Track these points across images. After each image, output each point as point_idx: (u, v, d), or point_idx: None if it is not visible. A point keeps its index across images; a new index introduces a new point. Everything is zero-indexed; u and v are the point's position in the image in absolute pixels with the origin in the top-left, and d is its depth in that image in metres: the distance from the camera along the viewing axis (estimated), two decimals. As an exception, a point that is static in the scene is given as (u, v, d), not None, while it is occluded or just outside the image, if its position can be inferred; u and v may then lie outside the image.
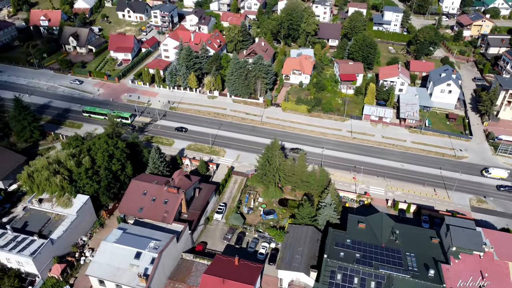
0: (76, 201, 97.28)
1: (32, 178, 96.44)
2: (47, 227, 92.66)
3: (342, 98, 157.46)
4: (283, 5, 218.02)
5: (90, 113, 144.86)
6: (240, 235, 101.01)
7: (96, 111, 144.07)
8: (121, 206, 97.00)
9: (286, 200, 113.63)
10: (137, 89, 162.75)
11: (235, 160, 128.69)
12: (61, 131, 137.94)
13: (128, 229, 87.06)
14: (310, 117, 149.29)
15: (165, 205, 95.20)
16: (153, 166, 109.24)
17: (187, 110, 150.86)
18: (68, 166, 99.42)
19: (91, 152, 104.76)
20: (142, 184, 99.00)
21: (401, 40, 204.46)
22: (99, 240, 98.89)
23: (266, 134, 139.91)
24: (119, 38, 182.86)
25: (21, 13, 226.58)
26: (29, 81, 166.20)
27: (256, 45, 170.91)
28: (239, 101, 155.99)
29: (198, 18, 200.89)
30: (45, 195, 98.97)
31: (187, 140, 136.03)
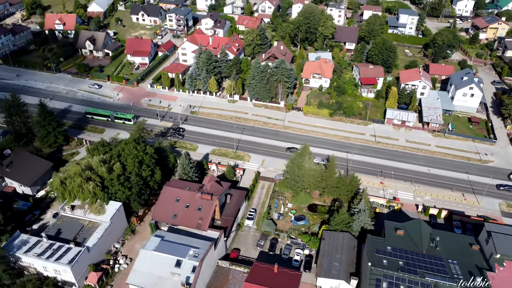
0: (109, 207, 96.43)
1: (64, 184, 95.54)
2: (81, 235, 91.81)
3: (364, 102, 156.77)
4: (297, 8, 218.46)
5: (92, 114, 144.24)
6: (273, 241, 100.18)
7: (98, 113, 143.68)
8: (155, 213, 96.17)
9: (315, 205, 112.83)
10: (156, 93, 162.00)
11: (260, 165, 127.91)
12: (83, 136, 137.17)
13: (165, 237, 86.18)
14: (332, 121, 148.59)
15: (199, 211, 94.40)
16: (182, 172, 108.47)
17: (209, 115, 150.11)
18: (100, 172, 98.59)
19: (121, 158, 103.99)
20: (174, 191, 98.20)
21: (417, 43, 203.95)
22: (131, 247, 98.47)
23: (289, 139, 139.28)
24: (136, 42, 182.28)
25: (34, 17, 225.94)
26: (47, 85, 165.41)
27: (275, 48, 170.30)
28: (260, 105, 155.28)
29: (214, 22, 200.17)
30: (76, 202, 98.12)
31: (211, 145, 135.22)
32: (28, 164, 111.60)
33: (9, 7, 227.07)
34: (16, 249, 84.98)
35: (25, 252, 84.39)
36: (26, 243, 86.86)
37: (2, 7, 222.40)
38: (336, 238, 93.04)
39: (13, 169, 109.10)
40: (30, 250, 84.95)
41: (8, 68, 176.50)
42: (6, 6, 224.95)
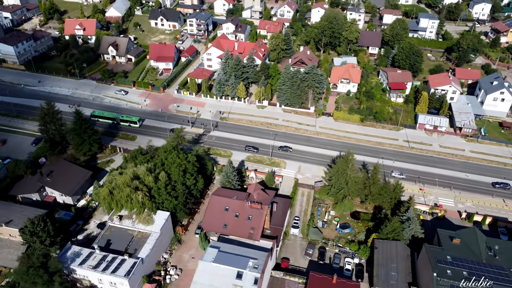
0: (157, 217, 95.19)
1: (112, 195, 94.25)
2: (131, 246, 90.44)
3: (393, 106, 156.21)
4: (316, 12, 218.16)
5: (98, 117, 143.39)
6: (321, 250, 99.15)
7: (104, 115, 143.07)
8: (204, 223, 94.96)
9: (357, 213, 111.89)
10: (183, 99, 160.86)
11: (297, 171, 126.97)
12: (115, 143, 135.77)
13: (221, 248, 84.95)
14: (363, 127, 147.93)
15: (250, 221, 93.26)
16: (225, 180, 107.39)
17: (239, 121, 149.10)
18: (146, 182, 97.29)
19: (164, 167, 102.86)
20: (223, 200, 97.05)
21: (438, 47, 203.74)
22: (179, 257, 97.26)
23: (322, 145, 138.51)
24: (160, 47, 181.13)
25: (51, 22, 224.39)
26: (73, 91, 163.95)
27: (302, 53, 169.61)
28: (289, 110, 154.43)
29: (235, 26, 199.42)
30: (123, 212, 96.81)
31: (246, 151, 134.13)
32: (68, 173, 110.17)
33: (26, 12, 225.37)
34: (70, 261, 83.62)
35: (80, 264, 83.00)
36: (79, 255, 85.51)
37: (20, 12, 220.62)
38: (389, 247, 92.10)
39: (53, 178, 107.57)
40: (84, 262, 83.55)
41: (31, 74, 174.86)
42: (23, 11, 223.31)
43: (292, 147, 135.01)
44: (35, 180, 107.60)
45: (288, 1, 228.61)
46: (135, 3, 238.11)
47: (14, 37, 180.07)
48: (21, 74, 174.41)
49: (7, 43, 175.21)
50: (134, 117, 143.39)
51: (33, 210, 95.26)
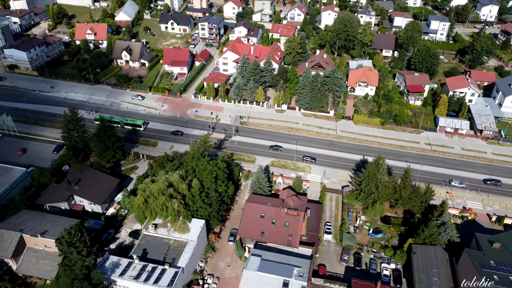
0: (192, 225, 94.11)
1: (146, 203, 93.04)
2: (169, 255, 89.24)
3: (412, 109, 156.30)
4: (326, 15, 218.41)
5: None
6: (357, 256, 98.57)
7: (108, 119, 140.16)
8: (241, 230, 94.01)
9: (388, 217, 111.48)
10: (201, 104, 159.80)
11: (323, 176, 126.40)
12: (137, 149, 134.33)
13: (263, 255, 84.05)
14: (383, 130, 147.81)
15: (287, 228, 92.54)
16: (257, 186, 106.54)
17: (259, 125, 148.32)
18: (180, 189, 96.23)
19: (196, 174, 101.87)
20: (258, 207, 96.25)
21: (449, 49, 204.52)
22: (215, 265, 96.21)
23: (345, 149, 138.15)
24: (174, 52, 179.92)
25: (60, 27, 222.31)
26: (89, 97, 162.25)
27: (318, 57, 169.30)
28: (309, 114, 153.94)
29: (247, 30, 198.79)
30: (157, 220, 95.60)
31: (269, 156, 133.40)
32: (95, 181, 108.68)
33: (34, 17, 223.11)
34: (110, 272, 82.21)
35: (120, 275, 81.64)
36: (118, 265, 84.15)
37: (28, 17, 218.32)
38: (428, 252, 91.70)
39: (81, 186, 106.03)
40: (124, 272, 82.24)
41: (44, 80, 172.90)
42: (32, 16, 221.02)
43: (282, 146, 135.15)
44: (63, 189, 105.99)
45: (298, 4, 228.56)
46: (144, 7, 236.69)
47: (26, 43, 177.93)
48: (34, 80, 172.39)
49: (19, 49, 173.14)
50: (138, 121, 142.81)
51: (66, 219, 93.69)
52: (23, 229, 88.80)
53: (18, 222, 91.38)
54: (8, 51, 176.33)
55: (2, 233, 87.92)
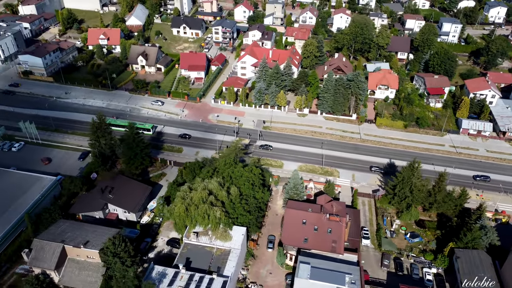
0: (234, 233, 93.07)
1: (187, 211, 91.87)
2: (213, 263, 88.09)
3: (433, 112, 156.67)
4: (338, 18, 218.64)
5: (111, 125, 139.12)
6: (397, 261, 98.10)
7: (117, 123, 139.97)
8: (284, 237, 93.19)
9: (422, 221, 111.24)
10: (222, 109, 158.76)
11: (352, 180, 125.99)
12: (162, 155, 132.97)
13: (311, 263, 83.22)
14: (406, 133, 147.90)
15: (330, 234, 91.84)
16: (293, 192, 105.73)
17: (283, 129, 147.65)
18: (219, 197, 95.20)
19: (233, 180, 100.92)
20: (299, 213, 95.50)
21: (462, 51, 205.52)
22: (256, 273, 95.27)
23: (370, 152, 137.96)
24: (191, 56, 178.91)
25: (70, 32, 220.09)
26: (107, 103, 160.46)
27: (338, 60, 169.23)
28: (331, 118, 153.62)
29: (261, 34, 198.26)
30: (197, 228, 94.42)
31: (296, 161, 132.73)
32: (128, 189, 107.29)
33: (44, 22, 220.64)
34: (157, 282, 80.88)
35: (168, 285, 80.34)
36: (165, 275, 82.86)
37: (38, 22, 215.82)
38: (472, 256, 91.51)
39: (115, 195, 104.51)
40: (172, 283, 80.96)
41: (60, 86, 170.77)
42: (41, 21, 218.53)
43: (272, 146, 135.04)
44: (96, 197, 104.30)
45: (310, 7, 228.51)
46: (154, 11, 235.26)
47: (41, 48, 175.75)
48: (49, 86, 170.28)
49: (35, 55, 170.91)
50: (147, 125, 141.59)
51: (105, 229, 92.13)
52: (64, 240, 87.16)
53: (58, 232, 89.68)
54: (22, 57, 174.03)
55: (43, 244, 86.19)
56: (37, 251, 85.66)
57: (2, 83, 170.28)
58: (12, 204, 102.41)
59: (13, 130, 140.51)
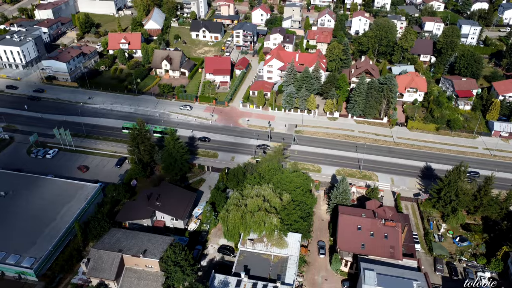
0: (289, 240, 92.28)
1: (243, 218, 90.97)
2: (272, 271, 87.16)
3: (463, 114, 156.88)
4: (357, 21, 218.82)
5: (129, 129, 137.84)
6: (451, 265, 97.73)
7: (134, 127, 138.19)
8: (340, 243, 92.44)
9: (467, 224, 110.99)
10: (251, 113, 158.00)
11: (391, 184, 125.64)
12: (198, 161, 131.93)
13: (375, 269, 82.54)
14: (438, 136, 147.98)
15: (387, 239, 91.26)
16: (343, 197, 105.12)
17: (315, 133, 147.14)
18: (272, 203, 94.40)
19: (283, 186, 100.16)
20: (353, 219, 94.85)
21: (482, 53, 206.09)
22: (312, 279, 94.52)
23: (405, 155, 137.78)
24: (216, 60, 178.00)
25: (88, 36, 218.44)
26: (135, 108, 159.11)
27: (365, 63, 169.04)
28: (362, 121, 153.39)
29: (283, 37, 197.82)
30: (252, 235, 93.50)
31: (332, 165, 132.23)
32: (174, 196, 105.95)
33: (61, 26, 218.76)
34: (222, 291, 79.90)
35: (234, 294, 79.32)
36: (227, 283, 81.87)
37: (55, 26, 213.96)
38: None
39: (162, 202, 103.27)
40: (236, 292, 79.93)
41: (85, 91, 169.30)
42: (59, 25, 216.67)
43: (270, 146, 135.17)
44: (143, 205, 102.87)
45: (328, 10, 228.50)
46: (171, 15, 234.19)
47: (65, 53, 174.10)
48: (74, 92, 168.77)
49: (59, 60, 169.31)
50: (168, 128, 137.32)
51: (160, 237, 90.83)
52: (122, 249, 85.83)
53: (113, 242, 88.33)
54: (46, 62, 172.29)
55: (101, 254, 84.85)
56: (95, 261, 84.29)
57: (26, 89, 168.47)
58: (58, 212, 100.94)
59: (44, 136, 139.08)
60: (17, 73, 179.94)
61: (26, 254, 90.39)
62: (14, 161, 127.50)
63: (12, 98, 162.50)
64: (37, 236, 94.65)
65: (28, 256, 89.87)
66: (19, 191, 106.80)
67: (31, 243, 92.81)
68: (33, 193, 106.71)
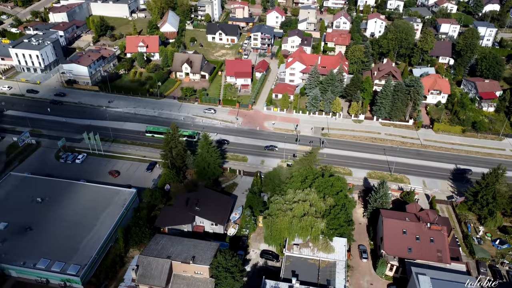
0: (335, 244, 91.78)
1: (290, 223, 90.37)
2: (321, 276, 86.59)
3: (487, 116, 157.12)
4: (373, 23, 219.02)
5: (153, 133, 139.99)
6: (494, 268, 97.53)
7: (159, 131, 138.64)
8: (387, 247, 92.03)
9: (504, 227, 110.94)
10: (276, 116, 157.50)
11: (424, 187, 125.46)
12: (228, 165, 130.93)
13: (426, 274, 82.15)
14: (465, 138, 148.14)
15: (433, 243, 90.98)
16: (384, 200, 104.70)
17: (342, 136, 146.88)
18: (318, 208, 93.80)
19: (325, 190, 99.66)
20: (397, 223, 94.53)
21: (500, 55, 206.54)
22: (357, 284, 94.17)
23: (434, 158, 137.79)
24: (236, 63, 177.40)
25: (103, 39, 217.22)
26: (159, 112, 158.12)
27: (387, 66, 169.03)
28: (388, 124, 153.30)
29: (301, 40, 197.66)
30: (297, 240, 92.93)
31: (362, 168, 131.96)
32: (213, 200, 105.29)
33: (76, 29, 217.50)
34: (275, 298, 79.21)
35: (288, 300, 78.72)
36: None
37: (71, 30, 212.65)
38: None
39: (201, 207, 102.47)
40: (289, 298, 79.28)
41: (106, 95, 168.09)
42: (74, 28, 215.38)
43: (277, 146, 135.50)
44: (181, 210, 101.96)
45: (344, 12, 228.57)
46: (185, 17, 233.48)
47: (85, 57, 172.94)
48: (95, 95, 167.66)
49: (80, 64, 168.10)
50: (192, 131, 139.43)
51: (205, 243, 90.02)
52: (170, 256, 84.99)
53: (159, 248, 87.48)
54: (67, 66, 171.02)
55: (149, 260, 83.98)
56: (144, 268, 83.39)
57: (47, 93, 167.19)
58: (98, 218, 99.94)
59: (70, 141, 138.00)
60: (36, 77, 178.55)
61: (70, 261, 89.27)
62: (43, 166, 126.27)
63: (34, 102, 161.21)
64: (79, 242, 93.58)
65: (72, 263, 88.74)
66: (55, 197, 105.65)
67: (74, 250, 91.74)
68: (69, 199, 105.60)
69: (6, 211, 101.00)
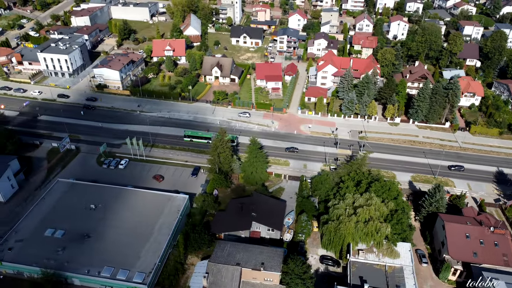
0: (399, 249, 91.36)
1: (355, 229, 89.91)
2: (389, 282, 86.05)
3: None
4: (396, 25, 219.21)
5: (191, 137, 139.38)
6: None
7: (198, 135, 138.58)
8: (452, 251, 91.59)
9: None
10: (311, 120, 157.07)
11: (469, 190, 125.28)
12: (270, 169, 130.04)
13: (499, 279, 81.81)
14: (502, 140, 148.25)
15: (498, 247, 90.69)
16: (439, 205, 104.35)
17: (380, 139, 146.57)
18: (380, 212, 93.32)
19: (382, 196, 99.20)
20: (460, 227, 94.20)
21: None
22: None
23: (474, 160, 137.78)
24: (267, 67, 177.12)
25: (126, 43, 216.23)
26: (194, 116, 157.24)
27: (420, 68, 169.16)
28: (424, 127, 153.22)
29: (327, 42, 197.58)
30: (360, 245, 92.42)
31: (405, 171, 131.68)
32: (267, 205, 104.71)
33: (99, 33, 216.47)
34: (350, 304, 78.58)
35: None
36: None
37: (94, 33, 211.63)
38: None
39: (256, 212, 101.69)
40: (364, 304, 78.68)
41: (137, 99, 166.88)
42: (97, 32, 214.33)
43: (298, 148, 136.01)
44: (241, 216, 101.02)
45: (366, 15, 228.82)
46: (207, 21, 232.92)
47: (115, 61, 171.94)
48: (127, 100, 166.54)
49: (112, 68, 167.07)
50: (231, 136, 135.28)
51: (269, 249, 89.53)
52: (239, 263, 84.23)
53: (226, 255, 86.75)
54: (98, 70, 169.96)
55: (219, 268, 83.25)
56: (214, 276, 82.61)
57: (78, 98, 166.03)
58: (154, 225, 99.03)
59: (109, 146, 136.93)
60: (64, 82, 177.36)
61: (134, 268, 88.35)
62: (86, 172, 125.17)
63: (66, 107, 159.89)
64: (140, 249, 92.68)
65: (136, 270, 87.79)
66: (107, 203, 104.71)
67: (136, 257, 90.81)
68: (121, 205, 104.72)
69: (60, 219, 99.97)
